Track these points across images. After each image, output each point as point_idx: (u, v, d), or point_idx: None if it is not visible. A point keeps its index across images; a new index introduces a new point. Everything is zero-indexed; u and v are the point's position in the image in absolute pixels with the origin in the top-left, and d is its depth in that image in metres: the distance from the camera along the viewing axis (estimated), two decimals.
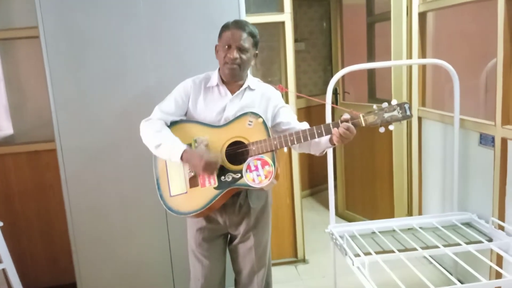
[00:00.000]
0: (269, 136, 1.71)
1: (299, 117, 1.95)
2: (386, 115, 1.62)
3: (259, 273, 1.96)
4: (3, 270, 2.33)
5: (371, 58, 3.55)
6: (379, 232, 2.30)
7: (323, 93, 2.81)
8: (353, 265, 1.97)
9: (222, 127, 1.77)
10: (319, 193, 4.56)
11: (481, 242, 2.12)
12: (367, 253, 2.04)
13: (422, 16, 2.90)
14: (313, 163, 4.42)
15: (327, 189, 2.49)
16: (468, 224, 2.38)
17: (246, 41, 1.74)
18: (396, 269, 1.86)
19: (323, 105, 2.35)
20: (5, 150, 2.71)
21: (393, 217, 3.12)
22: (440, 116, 2.73)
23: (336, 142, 1.66)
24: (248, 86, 1.83)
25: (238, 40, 1.73)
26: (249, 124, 1.73)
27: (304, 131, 1.67)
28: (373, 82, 3.59)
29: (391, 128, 1.63)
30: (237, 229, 1.90)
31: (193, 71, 1.96)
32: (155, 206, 2.02)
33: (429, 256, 2.03)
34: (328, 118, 2.33)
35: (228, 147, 1.75)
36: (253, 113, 1.74)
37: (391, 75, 3.07)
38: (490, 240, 2.17)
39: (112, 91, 2.32)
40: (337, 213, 3.73)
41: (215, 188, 1.73)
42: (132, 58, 2.31)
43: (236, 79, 1.80)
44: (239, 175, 1.71)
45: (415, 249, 2.08)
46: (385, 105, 1.63)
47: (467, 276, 2.47)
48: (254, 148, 1.70)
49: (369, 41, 3.56)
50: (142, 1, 2.27)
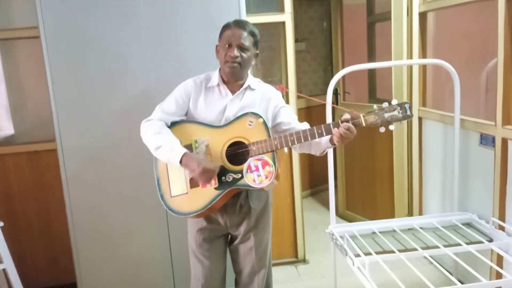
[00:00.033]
0: (270, 136, 1.70)
1: (300, 118, 1.95)
2: (387, 115, 1.61)
3: (260, 274, 1.96)
4: (4, 270, 2.33)
5: (371, 58, 3.55)
6: (379, 232, 2.30)
7: (324, 93, 2.80)
8: (354, 265, 1.97)
9: (223, 127, 1.77)
10: (319, 193, 4.55)
11: (481, 242, 2.12)
12: (368, 253, 2.04)
13: (422, 16, 2.90)
14: (313, 163, 4.42)
15: (327, 189, 2.49)
16: (468, 224, 2.38)
17: (247, 40, 1.74)
18: (397, 269, 1.86)
19: (324, 105, 2.34)
20: (6, 150, 2.71)
21: (394, 217, 3.12)
22: (440, 116, 2.73)
23: (336, 142, 1.66)
24: (248, 85, 1.83)
25: (239, 38, 1.73)
26: (250, 124, 1.73)
27: (304, 131, 1.67)
28: (373, 82, 3.59)
29: (392, 128, 1.62)
30: (237, 229, 1.90)
31: (193, 71, 1.96)
32: (155, 206, 2.02)
33: (430, 256, 2.03)
34: (329, 118, 2.33)
35: (228, 147, 1.74)
36: (253, 113, 1.74)
37: (391, 75, 3.07)
38: (490, 240, 2.17)
39: (112, 91, 2.32)
40: (337, 213, 3.73)
41: (215, 188, 1.73)
42: (132, 58, 2.31)
43: (237, 78, 1.80)
44: (240, 175, 1.71)
45: (415, 249, 2.08)
46: (385, 105, 1.62)
47: (467, 276, 2.47)
48: (254, 149, 1.70)
49: (370, 41, 3.56)
50: (142, 1, 2.27)
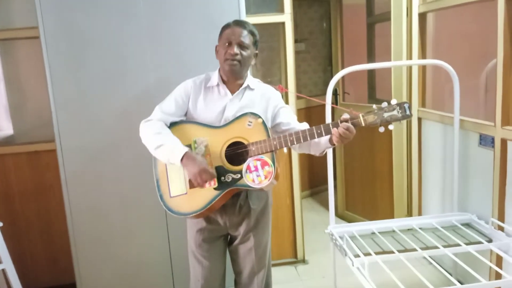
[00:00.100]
0: (269, 137, 1.70)
1: (299, 118, 1.95)
2: (386, 114, 1.61)
3: (259, 274, 1.96)
4: (3, 271, 2.32)
5: (371, 58, 3.55)
6: (378, 232, 2.30)
7: (323, 94, 2.80)
8: (353, 265, 1.97)
9: (222, 128, 1.77)
10: (319, 194, 4.55)
11: (480, 242, 2.12)
12: (367, 254, 2.04)
13: (422, 16, 2.90)
14: (313, 163, 4.42)
15: (327, 189, 2.49)
16: (467, 225, 2.38)
17: (247, 38, 1.75)
18: (396, 269, 1.86)
19: (323, 105, 2.34)
20: (5, 150, 2.71)
21: (393, 217, 3.12)
22: (440, 117, 2.73)
23: (336, 142, 1.66)
24: (248, 85, 1.83)
25: (239, 36, 1.74)
26: (249, 125, 1.73)
27: (303, 131, 1.67)
28: (373, 83, 3.59)
29: (391, 128, 1.62)
30: (237, 230, 1.90)
31: (193, 71, 1.96)
32: (155, 206, 2.02)
33: (429, 256, 2.04)
34: (328, 118, 2.33)
35: (228, 147, 1.75)
36: (252, 113, 1.74)
37: (391, 75, 3.07)
38: (489, 241, 2.17)
39: (112, 91, 2.32)
40: (337, 214, 3.73)
41: (215, 188, 1.73)
42: (132, 58, 2.31)
43: (236, 76, 1.80)
44: (239, 175, 1.71)
45: (414, 250, 2.08)
46: (384, 104, 1.62)
47: (466, 276, 2.47)
48: (253, 149, 1.70)
49: (369, 42, 3.56)
50: (142, 1, 2.27)
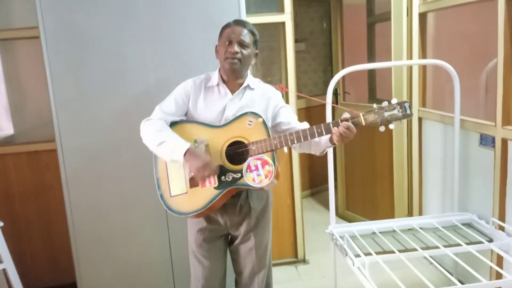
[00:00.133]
0: (269, 136, 1.70)
1: (299, 118, 1.94)
2: (386, 114, 1.61)
3: (260, 274, 1.96)
4: (4, 270, 2.33)
5: (371, 58, 3.55)
6: (379, 232, 2.30)
7: (323, 93, 2.79)
8: (354, 265, 1.96)
9: (222, 127, 1.77)
10: (319, 194, 4.55)
11: (481, 242, 2.12)
12: (368, 254, 2.04)
13: (422, 16, 2.90)
14: (313, 163, 4.42)
15: (327, 189, 2.49)
16: (468, 225, 2.38)
17: (247, 37, 1.75)
18: (397, 269, 1.86)
19: (324, 105, 2.34)
20: (5, 150, 2.71)
21: (393, 217, 3.12)
22: (440, 117, 2.73)
23: (336, 141, 1.66)
24: (248, 85, 1.83)
25: (239, 35, 1.74)
26: (249, 124, 1.73)
27: (304, 131, 1.67)
28: (373, 83, 3.59)
29: (391, 127, 1.62)
30: (237, 229, 1.90)
31: (193, 71, 1.96)
32: (155, 206, 2.02)
33: (430, 256, 2.03)
34: (329, 118, 2.33)
35: (228, 147, 1.74)
36: (253, 113, 1.74)
37: (391, 75, 3.07)
38: (490, 241, 2.17)
39: (112, 91, 2.32)
40: (337, 214, 3.73)
41: (215, 188, 1.73)
42: (132, 58, 2.31)
43: (237, 75, 1.80)
44: (239, 175, 1.71)
45: (415, 250, 2.08)
46: (385, 104, 1.62)
47: (467, 276, 2.47)
48: (254, 148, 1.70)
49: (370, 42, 3.56)
50: (142, 1, 2.27)
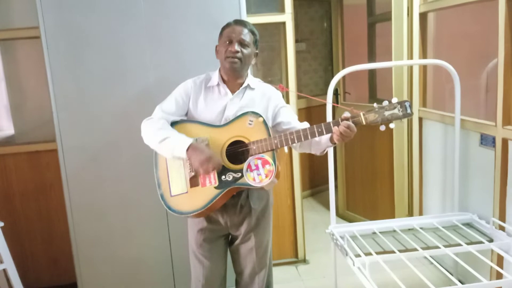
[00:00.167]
0: (270, 135, 1.70)
1: (300, 118, 1.94)
2: (387, 113, 1.61)
3: (260, 274, 1.96)
4: (4, 270, 2.33)
5: (371, 58, 3.55)
6: (379, 232, 2.30)
7: (324, 93, 2.80)
8: (354, 265, 1.96)
9: (223, 127, 1.77)
10: (319, 194, 4.55)
11: (481, 242, 2.12)
12: (368, 254, 2.04)
13: (423, 16, 2.90)
14: (313, 163, 4.42)
15: (327, 189, 2.49)
16: (468, 225, 2.38)
17: (247, 36, 1.76)
18: (397, 269, 1.86)
19: (324, 105, 2.34)
20: (6, 150, 2.71)
21: (394, 217, 3.12)
22: (440, 117, 2.73)
23: (336, 140, 1.66)
24: (248, 85, 1.83)
25: (239, 34, 1.74)
26: (250, 124, 1.73)
27: (304, 130, 1.67)
28: (373, 83, 3.59)
29: (392, 126, 1.62)
30: (238, 229, 1.90)
31: (193, 71, 1.96)
32: (155, 206, 2.02)
33: (430, 256, 2.03)
34: (329, 117, 2.33)
35: (228, 146, 1.74)
36: (253, 112, 1.74)
37: (392, 75, 3.06)
38: (490, 241, 2.16)
39: (113, 90, 2.32)
40: (337, 214, 3.73)
41: (215, 187, 1.73)
42: (133, 58, 2.31)
43: (237, 74, 1.80)
44: (240, 174, 1.71)
45: (415, 250, 2.08)
46: (385, 103, 1.62)
47: (467, 276, 2.47)
48: (254, 148, 1.70)
49: (370, 42, 3.56)
50: (142, 1, 2.27)
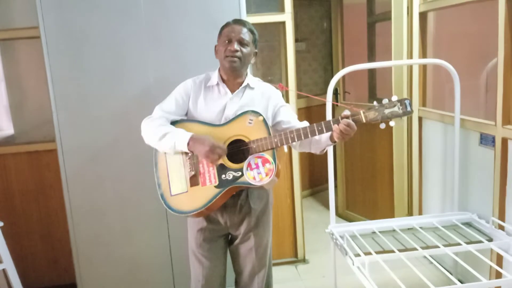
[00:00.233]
0: (270, 134, 1.70)
1: (300, 117, 1.94)
2: (387, 111, 1.61)
3: (260, 274, 1.95)
4: (4, 271, 2.32)
5: (371, 58, 3.55)
6: (379, 232, 2.30)
7: (324, 93, 2.80)
8: (353, 265, 1.97)
9: (223, 126, 1.77)
10: (319, 193, 4.56)
11: (481, 242, 2.12)
12: (367, 253, 2.04)
13: (422, 16, 2.90)
14: (313, 163, 4.42)
15: (327, 189, 2.49)
16: (468, 224, 2.38)
17: (246, 35, 1.76)
18: (397, 269, 1.86)
19: (324, 105, 2.34)
20: (6, 150, 2.71)
21: (393, 217, 3.12)
22: (440, 116, 2.73)
23: (336, 138, 1.66)
24: (248, 84, 1.83)
25: (239, 33, 1.74)
26: (250, 123, 1.73)
27: (304, 128, 1.67)
28: (373, 82, 3.59)
29: (392, 124, 1.62)
30: (237, 229, 1.90)
31: (193, 71, 1.96)
32: (155, 206, 2.02)
33: (429, 256, 2.03)
34: (329, 117, 2.33)
35: (228, 145, 1.74)
36: (253, 111, 1.74)
37: (391, 75, 3.07)
38: (490, 240, 2.17)
39: (112, 90, 2.32)
40: (337, 213, 3.73)
41: (215, 186, 1.73)
42: (132, 58, 2.31)
43: (237, 74, 1.80)
44: (240, 173, 1.71)
45: (415, 249, 2.08)
46: (385, 101, 1.62)
47: (467, 276, 2.47)
48: (254, 146, 1.70)
49: (370, 41, 3.56)
50: (142, 1, 2.27)
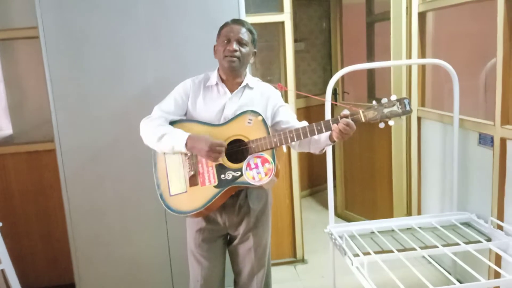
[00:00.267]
0: (269, 134, 1.70)
1: (299, 117, 1.94)
2: (386, 110, 1.61)
3: (259, 274, 1.96)
4: (2, 271, 2.32)
5: (370, 58, 3.55)
6: (378, 232, 2.30)
7: (323, 93, 2.80)
8: (352, 265, 1.97)
9: (222, 126, 1.77)
10: (318, 193, 4.56)
11: (480, 242, 2.12)
12: (366, 253, 2.04)
13: (421, 16, 2.91)
14: (312, 163, 4.42)
15: (326, 189, 2.49)
16: (467, 224, 2.39)
17: (245, 35, 1.76)
18: (395, 269, 1.86)
19: (323, 105, 2.34)
20: (5, 150, 2.70)
21: (392, 217, 3.12)
22: (439, 116, 2.73)
23: (336, 138, 1.66)
24: (247, 84, 1.83)
25: (238, 33, 1.74)
26: (249, 122, 1.73)
27: (303, 128, 1.67)
28: (372, 82, 3.59)
29: (391, 123, 1.62)
30: (236, 229, 1.90)
31: (192, 71, 1.96)
32: (154, 206, 2.02)
33: (428, 256, 2.03)
34: (328, 117, 2.33)
35: (228, 145, 1.74)
36: (252, 111, 1.74)
37: (390, 75, 3.07)
38: (489, 240, 2.17)
39: (112, 91, 2.32)
40: (336, 213, 3.73)
41: (215, 186, 1.73)
42: (132, 58, 2.30)
43: (236, 73, 1.80)
44: (239, 173, 1.71)
45: (414, 249, 2.08)
46: (384, 100, 1.62)
47: (466, 276, 2.47)
48: (254, 146, 1.70)
49: (369, 41, 3.56)
50: (141, 1, 2.27)
